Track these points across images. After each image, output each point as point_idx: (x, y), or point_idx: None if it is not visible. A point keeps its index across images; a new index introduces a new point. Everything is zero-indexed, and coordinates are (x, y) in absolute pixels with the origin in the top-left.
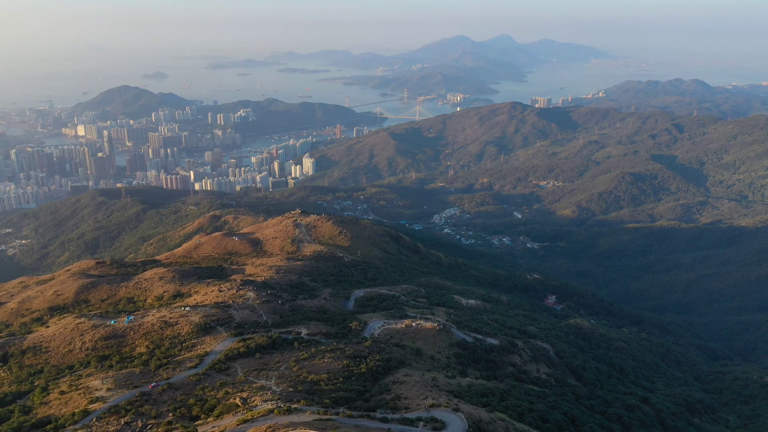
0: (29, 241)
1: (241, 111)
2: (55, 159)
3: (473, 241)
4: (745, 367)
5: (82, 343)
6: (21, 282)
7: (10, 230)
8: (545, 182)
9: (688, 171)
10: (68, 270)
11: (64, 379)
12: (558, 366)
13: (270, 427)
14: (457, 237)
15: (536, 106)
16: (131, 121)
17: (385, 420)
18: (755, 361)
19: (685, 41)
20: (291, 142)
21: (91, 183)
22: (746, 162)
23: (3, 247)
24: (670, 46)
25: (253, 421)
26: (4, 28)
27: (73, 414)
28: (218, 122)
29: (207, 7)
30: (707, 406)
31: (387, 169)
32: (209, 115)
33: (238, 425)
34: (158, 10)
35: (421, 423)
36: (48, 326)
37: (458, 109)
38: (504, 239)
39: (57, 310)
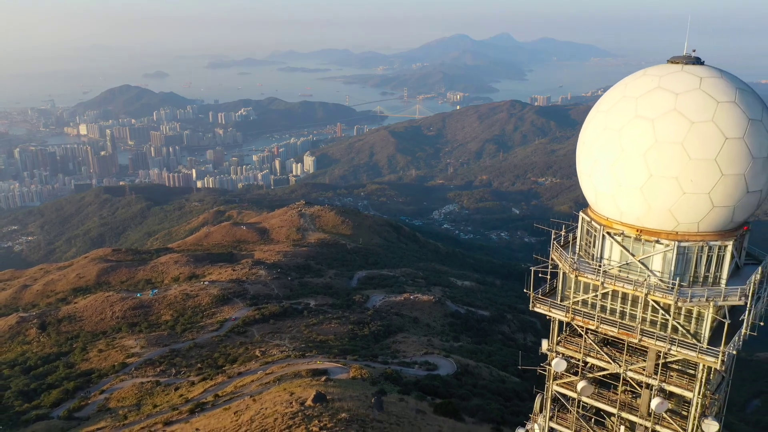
0: (35, 237)
1: (242, 110)
2: (58, 158)
3: (472, 235)
4: None
5: (113, 312)
6: (41, 268)
7: (16, 227)
8: (543, 179)
9: None
10: (86, 256)
11: (100, 341)
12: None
13: (289, 364)
14: (456, 232)
15: (535, 104)
16: (133, 120)
17: (385, 363)
18: None
19: (685, 39)
20: (292, 140)
21: (94, 181)
22: None
23: (10, 243)
24: (670, 44)
25: (273, 363)
26: (5, 27)
27: (114, 366)
28: (219, 121)
29: (207, 6)
30: None
31: (387, 167)
32: (210, 114)
33: (260, 366)
34: (158, 8)
35: (417, 365)
36: (76, 304)
37: (458, 107)
38: (502, 234)
39: (80, 291)
